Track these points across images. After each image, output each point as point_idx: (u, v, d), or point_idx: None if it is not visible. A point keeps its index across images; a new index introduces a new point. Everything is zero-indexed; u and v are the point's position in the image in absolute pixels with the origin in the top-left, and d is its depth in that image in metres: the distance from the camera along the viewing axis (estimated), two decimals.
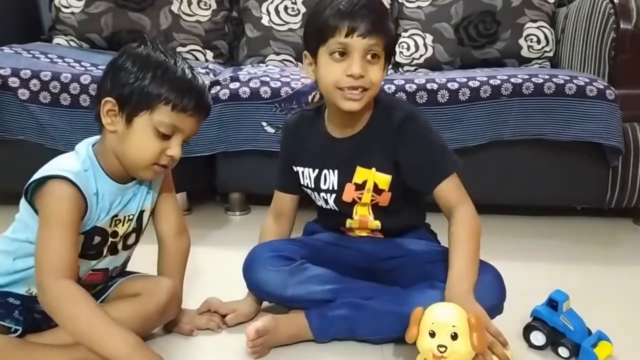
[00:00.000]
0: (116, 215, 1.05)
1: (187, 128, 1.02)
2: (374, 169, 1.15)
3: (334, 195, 1.19)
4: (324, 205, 1.22)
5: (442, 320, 0.93)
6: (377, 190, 1.16)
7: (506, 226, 1.84)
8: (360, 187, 1.17)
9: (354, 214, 1.20)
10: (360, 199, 1.17)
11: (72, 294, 0.92)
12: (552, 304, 1.11)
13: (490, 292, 1.07)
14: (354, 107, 1.08)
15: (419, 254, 1.19)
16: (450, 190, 1.12)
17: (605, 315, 1.21)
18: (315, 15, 1.10)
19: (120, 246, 1.08)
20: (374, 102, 1.16)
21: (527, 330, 1.12)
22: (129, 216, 1.07)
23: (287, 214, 1.30)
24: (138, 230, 1.10)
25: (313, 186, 1.21)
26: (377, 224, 1.21)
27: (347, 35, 1.05)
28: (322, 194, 1.20)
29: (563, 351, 1.08)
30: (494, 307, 1.07)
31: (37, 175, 0.97)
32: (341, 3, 1.07)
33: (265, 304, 1.22)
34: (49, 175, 0.96)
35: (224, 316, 1.18)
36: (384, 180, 1.15)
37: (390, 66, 1.18)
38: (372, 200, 1.17)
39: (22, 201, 1.01)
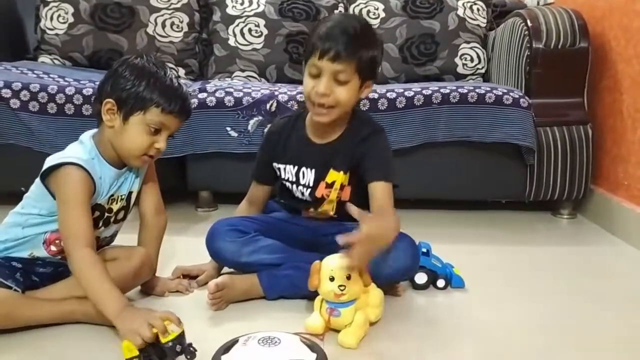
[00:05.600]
0: (112, 195, 1.27)
1: (172, 126, 1.24)
2: (341, 172, 1.38)
3: (309, 190, 1.41)
4: (300, 197, 1.43)
5: (339, 266, 1.16)
6: (341, 187, 1.39)
7: (438, 218, 2.11)
8: (329, 186, 1.39)
9: (319, 207, 1.43)
10: (328, 196, 1.40)
11: (89, 260, 1.13)
12: (423, 252, 1.44)
13: (405, 254, 1.31)
14: (321, 119, 1.31)
15: (352, 228, 1.43)
16: (385, 193, 1.31)
17: (517, 282, 1.52)
18: (311, 33, 1.31)
19: (112, 220, 1.30)
20: (352, 117, 1.38)
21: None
22: (121, 196, 1.29)
23: (259, 202, 1.54)
24: (126, 208, 1.32)
25: (294, 180, 1.42)
26: (334, 216, 1.44)
27: (319, 58, 1.24)
28: (300, 188, 1.42)
29: (440, 282, 1.43)
30: (408, 267, 1.32)
31: (54, 161, 1.17)
32: (326, 25, 1.27)
33: (225, 269, 1.46)
34: (64, 162, 1.17)
35: (194, 277, 1.42)
36: (346, 178, 1.38)
37: (374, 81, 1.36)
38: (337, 197, 1.40)
39: (37, 182, 1.21)
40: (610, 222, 2.00)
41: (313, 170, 1.40)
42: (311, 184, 1.40)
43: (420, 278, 1.42)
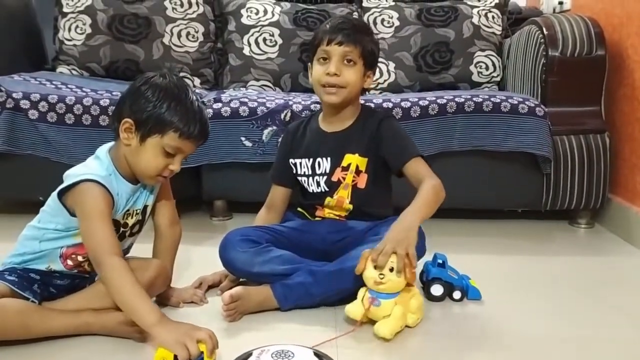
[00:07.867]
0: (128, 210, 1.28)
1: (188, 149, 1.24)
2: (357, 154, 1.45)
3: (325, 177, 1.47)
4: (315, 189, 1.48)
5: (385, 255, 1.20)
6: (357, 171, 1.45)
7: (453, 227, 2.09)
8: (345, 169, 1.46)
9: (335, 193, 1.47)
10: (344, 178, 1.45)
11: (120, 268, 1.12)
12: (439, 263, 1.44)
13: None
14: (332, 99, 1.42)
15: (362, 229, 1.45)
16: (419, 167, 1.39)
17: (533, 293, 1.51)
18: (315, 34, 1.46)
19: (127, 234, 1.31)
20: (361, 109, 1.50)
21: (428, 285, 1.43)
22: (136, 210, 1.30)
23: (278, 207, 1.57)
24: (141, 222, 1.33)
25: (310, 173, 1.49)
26: (349, 206, 1.46)
27: (328, 44, 1.40)
28: (316, 178, 1.48)
29: (456, 294, 1.42)
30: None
31: (72, 178, 1.17)
32: (330, 22, 1.43)
33: (241, 280, 1.46)
34: (84, 179, 1.17)
35: (217, 285, 1.45)
36: (362, 161, 1.45)
37: (374, 74, 1.49)
38: (352, 181, 1.45)
39: (54, 198, 1.21)
40: (629, 231, 1.97)
41: (329, 159, 1.47)
42: (327, 171, 1.47)
43: (436, 290, 1.42)
